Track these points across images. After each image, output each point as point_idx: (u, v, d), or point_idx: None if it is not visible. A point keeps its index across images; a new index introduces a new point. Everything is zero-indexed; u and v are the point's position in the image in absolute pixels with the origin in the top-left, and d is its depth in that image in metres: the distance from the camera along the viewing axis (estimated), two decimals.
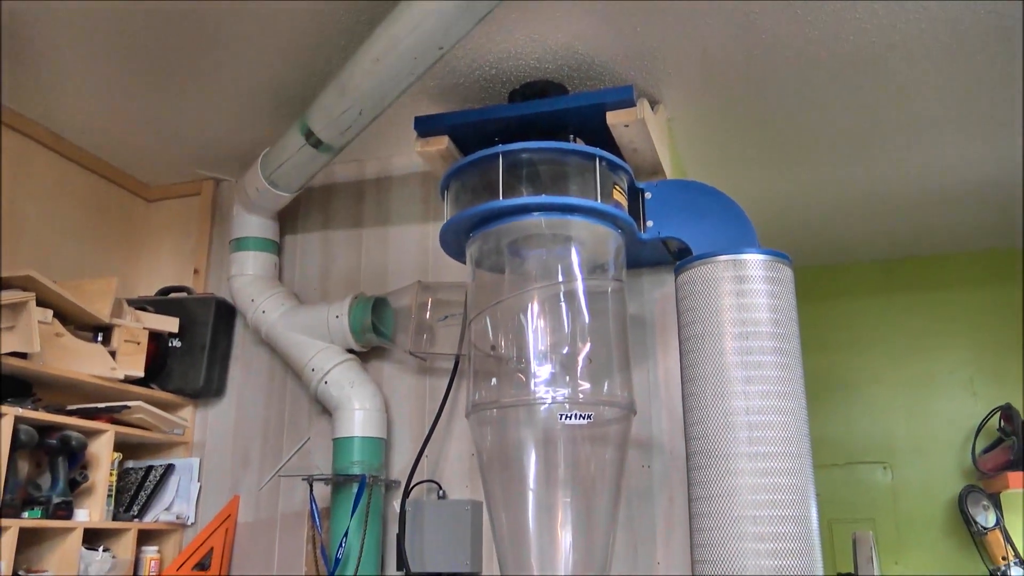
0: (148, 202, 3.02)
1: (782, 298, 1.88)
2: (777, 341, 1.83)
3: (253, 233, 2.63)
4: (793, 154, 2.75)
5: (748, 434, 1.76)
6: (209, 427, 2.68)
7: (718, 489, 1.75)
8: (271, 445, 2.61)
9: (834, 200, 3.14)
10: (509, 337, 2.01)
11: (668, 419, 2.27)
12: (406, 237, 2.68)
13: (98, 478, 2.31)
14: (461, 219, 2.01)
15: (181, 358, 2.61)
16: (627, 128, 2.12)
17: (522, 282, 2.06)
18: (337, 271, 2.73)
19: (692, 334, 1.90)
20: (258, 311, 2.54)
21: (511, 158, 1.98)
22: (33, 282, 2.11)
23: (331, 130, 2.15)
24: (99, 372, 2.32)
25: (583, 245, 2.03)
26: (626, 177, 2.09)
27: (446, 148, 2.23)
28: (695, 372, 1.87)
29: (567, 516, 1.88)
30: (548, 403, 1.88)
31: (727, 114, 2.48)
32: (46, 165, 2.61)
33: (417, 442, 2.43)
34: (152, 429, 2.51)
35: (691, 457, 1.85)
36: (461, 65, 2.21)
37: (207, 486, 2.62)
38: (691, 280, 1.92)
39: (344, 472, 2.30)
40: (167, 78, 2.31)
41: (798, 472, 1.75)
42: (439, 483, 2.40)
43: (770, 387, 1.79)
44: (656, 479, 2.24)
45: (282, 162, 2.34)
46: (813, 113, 2.47)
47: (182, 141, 2.69)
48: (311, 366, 2.43)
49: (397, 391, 2.52)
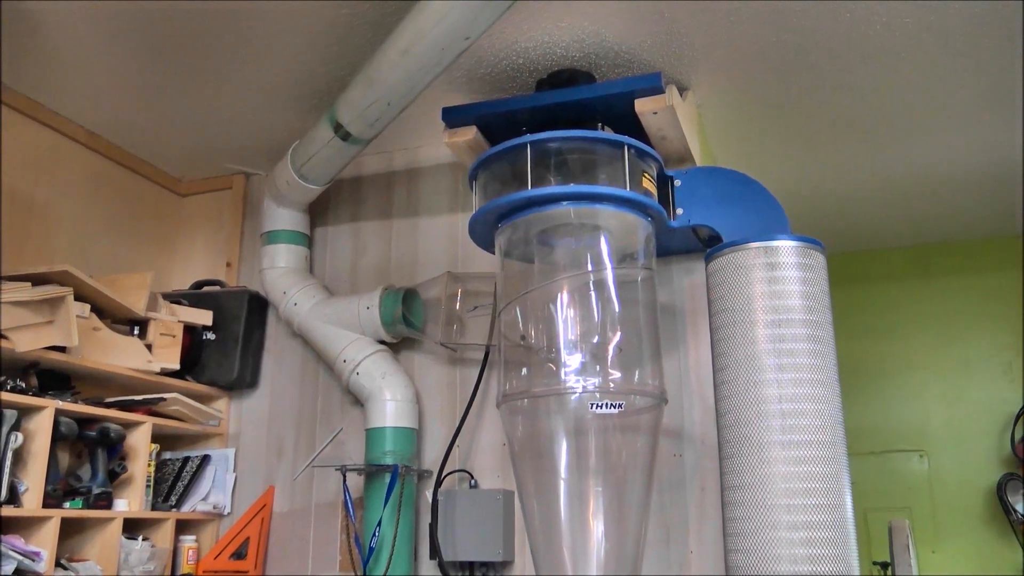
0: (181, 197, 3.05)
1: (815, 284, 1.86)
2: (810, 328, 1.81)
3: (284, 226, 2.64)
4: (824, 139, 2.72)
5: (781, 422, 1.75)
6: (243, 418, 2.71)
7: (751, 478, 1.74)
8: (304, 436, 2.63)
9: (866, 185, 3.09)
10: (539, 327, 2.01)
11: (700, 408, 2.26)
12: (435, 228, 2.69)
13: (136, 469, 2.35)
14: (490, 209, 2.01)
15: (215, 350, 2.63)
16: (656, 115, 2.10)
17: (551, 271, 2.05)
18: (367, 263, 2.74)
19: (723, 322, 1.88)
20: (290, 303, 2.56)
21: (539, 147, 1.98)
22: (70, 277, 2.14)
23: (359, 122, 2.15)
24: (135, 365, 2.35)
25: (612, 234, 2.02)
26: (655, 165, 2.07)
27: (474, 138, 2.23)
28: (727, 360, 1.85)
29: (599, 505, 1.88)
30: (579, 392, 1.87)
31: (757, 100, 2.45)
32: (81, 162, 2.64)
33: (448, 432, 2.44)
34: (188, 420, 2.54)
35: (723, 446, 1.84)
36: (488, 55, 2.20)
37: (242, 476, 2.65)
38: (722, 267, 1.91)
39: (377, 462, 2.31)
40: (197, 74, 2.33)
41: (832, 460, 1.74)
42: (471, 473, 2.41)
43: (803, 374, 1.78)
44: (688, 468, 2.23)
45: (311, 155, 2.35)
46: (844, 97, 2.43)
47: (213, 136, 2.71)
48: (343, 357, 2.45)
49: (428, 382, 2.53)
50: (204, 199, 3.03)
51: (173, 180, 3.01)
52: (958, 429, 3.51)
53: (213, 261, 2.94)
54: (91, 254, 2.63)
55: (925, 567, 3.38)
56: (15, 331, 2.02)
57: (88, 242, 2.64)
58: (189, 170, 2.98)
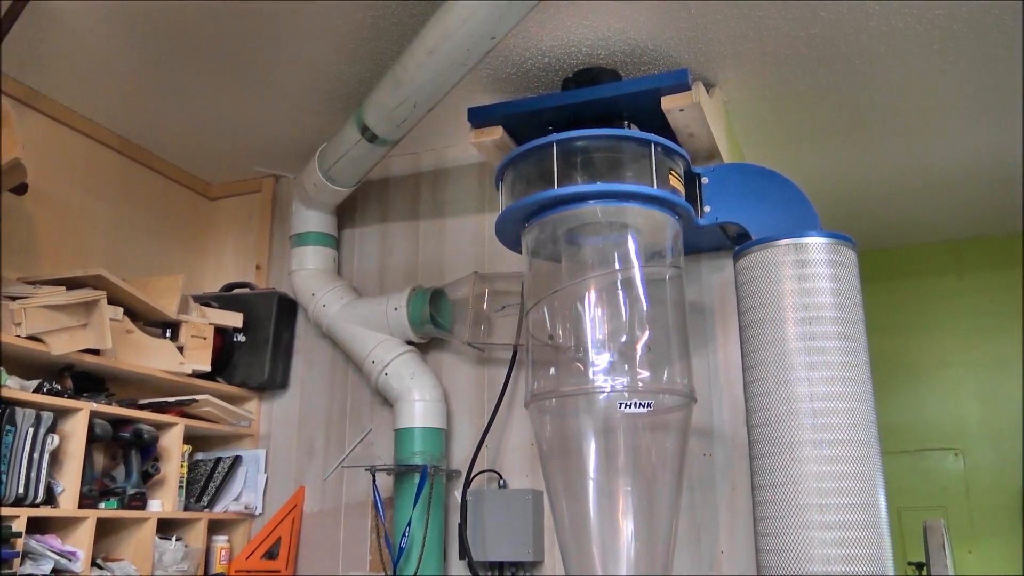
0: (210, 200, 3.08)
1: (846, 281, 1.84)
2: (841, 325, 1.79)
3: (312, 228, 2.66)
4: (854, 133, 2.69)
5: (812, 421, 1.73)
6: (274, 419, 2.74)
7: (782, 477, 1.73)
8: (334, 436, 2.65)
9: (897, 180, 3.05)
10: (567, 326, 2.01)
11: (729, 407, 2.24)
12: (462, 228, 2.69)
13: (169, 470, 2.37)
14: (517, 209, 2.01)
15: (245, 352, 2.66)
16: (682, 112, 2.09)
17: (579, 271, 2.05)
18: (395, 264, 2.75)
19: (753, 320, 1.87)
20: (319, 305, 2.58)
21: (565, 146, 1.97)
22: (104, 281, 2.17)
23: (386, 124, 2.16)
24: (168, 367, 2.38)
25: (640, 232, 2.01)
26: (682, 162, 2.06)
27: (500, 138, 2.23)
28: (757, 358, 1.84)
29: (628, 505, 1.87)
30: (607, 392, 1.87)
31: (785, 94, 2.42)
32: (114, 168, 2.68)
33: (477, 432, 2.44)
34: (219, 422, 2.57)
35: (754, 445, 1.82)
36: (514, 55, 2.20)
37: (273, 477, 2.67)
38: (751, 265, 1.90)
39: (406, 462, 2.32)
40: (225, 78, 2.36)
41: (865, 459, 1.72)
42: (499, 473, 2.41)
43: (834, 372, 1.76)
44: (718, 467, 2.22)
45: (339, 157, 2.36)
46: (873, 90, 2.40)
47: (241, 139, 2.74)
48: (371, 358, 2.46)
49: (456, 382, 2.54)
50: (234, 202, 3.06)
51: (203, 184, 3.04)
52: (994, 427, 3.45)
53: (243, 263, 2.97)
54: (123, 257, 2.67)
55: (961, 567, 3.33)
56: (50, 334, 2.06)
57: (121, 246, 2.67)
58: (218, 173, 3.01)
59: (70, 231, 2.50)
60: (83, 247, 2.53)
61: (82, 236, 2.54)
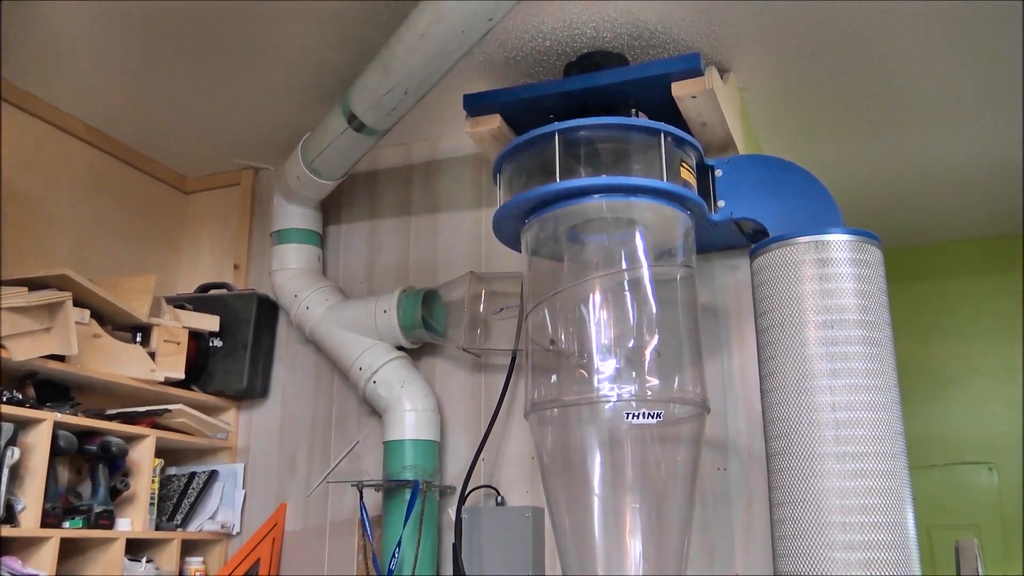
0: (185, 194, 3.08)
1: (871, 282, 1.84)
2: (865, 329, 1.79)
3: (295, 224, 2.66)
4: (878, 124, 2.69)
5: (835, 432, 1.73)
6: (253, 431, 2.73)
7: (802, 493, 1.73)
8: (318, 449, 2.64)
9: (924, 173, 3.06)
10: (570, 330, 2.01)
11: (745, 417, 2.24)
12: (457, 225, 2.69)
13: (140, 485, 2.37)
14: (516, 204, 2.00)
15: (223, 358, 2.65)
16: (694, 100, 2.09)
17: (583, 270, 2.05)
18: (384, 263, 2.75)
19: (770, 323, 1.87)
20: (302, 307, 2.57)
21: (568, 136, 1.97)
22: (69, 281, 2.16)
23: (375, 112, 2.16)
24: (138, 374, 2.37)
25: (648, 229, 2.01)
26: (694, 153, 2.06)
27: (498, 128, 2.23)
28: (775, 365, 1.84)
29: (636, 523, 1.87)
30: (613, 401, 1.87)
31: (804, 81, 2.42)
32: (80, 158, 2.67)
33: (473, 445, 2.44)
34: (194, 433, 2.56)
35: (772, 458, 1.82)
36: (512, 38, 2.20)
37: (252, 493, 2.66)
38: (768, 264, 1.89)
39: (396, 477, 2.32)
40: (202, 63, 2.35)
41: (892, 474, 1.72)
42: (497, 488, 2.40)
43: (859, 380, 1.76)
44: (733, 482, 2.22)
45: (323, 148, 2.36)
46: (899, 78, 2.40)
47: (219, 129, 2.74)
48: (359, 365, 2.45)
49: (451, 390, 2.53)
50: (210, 196, 3.05)
51: (177, 176, 3.04)
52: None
53: (220, 263, 2.96)
54: (91, 256, 2.66)
55: None
56: (12, 339, 2.05)
57: (88, 243, 2.67)
58: (194, 166, 3.00)
59: (32, 227, 2.49)
60: (47, 244, 2.52)
61: (46, 233, 2.53)
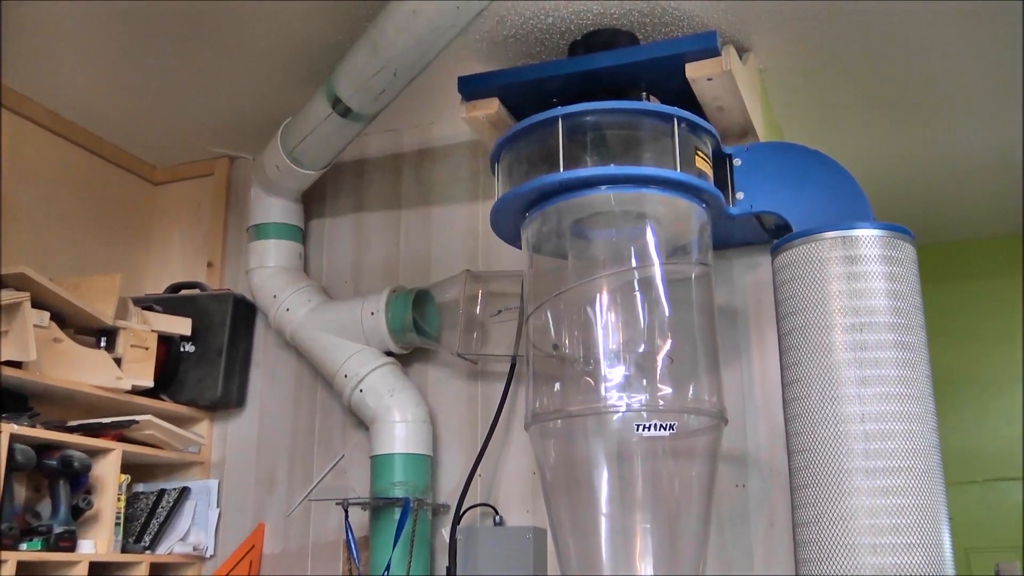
0: (154, 185, 3.08)
1: (903, 281, 1.84)
2: (898, 333, 1.80)
3: (274, 218, 2.66)
4: (910, 110, 2.69)
5: (864, 446, 1.73)
6: (228, 444, 2.73)
7: (829, 512, 1.73)
8: (300, 464, 2.64)
9: (961, 163, 3.06)
10: (574, 334, 2.01)
11: (766, 429, 2.24)
12: (452, 219, 2.70)
13: (104, 504, 2.36)
14: (515, 196, 2.00)
15: (195, 365, 2.65)
16: (711, 82, 2.09)
17: (589, 269, 2.05)
18: (372, 260, 2.75)
19: (794, 326, 1.87)
20: (282, 309, 2.58)
21: (573, 122, 1.97)
22: (28, 281, 2.16)
23: (362, 95, 2.16)
24: (103, 382, 2.37)
25: (660, 223, 2.01)
26: (710, 141, 2.06)
27: (496, 113, 2.23)
28: (798, 372, 1.84)
29: (646, 545, 1.87)
30: (622, 411, 1.87)
31: (831, 62, 2.43)
32: (40, 146, 2.67)
33: (469, 459, 2.43)
34: (164, 447, 2.56)
35: (795, 474, 1.83)
36: (512, 14, 2.20)
37: (227, 512, 2.66)
38: (792, 262, 1.90)
39: (384, 495, 2.32)
40: (173, 43, 2.35)
41: (926, 491, 1.72)
42: (495, 507, 2.40)
43: (890, 389, 1.76)
44: (753, 500, 2.22)
45: (306, 135, 2.36)
46: (933, 58, 2.40)
47: (191, 114, 2.74)
48: (344, 372, 2.46)
49: (444, 400, 2.54)
50: (181, 188, 3.05)
51: (145, 166, 3.04)
52: None
53: (192, 260, 2.96)
54: (51, 253, 2.66)
55: None
56: None
57: (48, 239, 2.67)
58: (164, 154, 3.01)
59: None
60: (3, 240, 2.52)
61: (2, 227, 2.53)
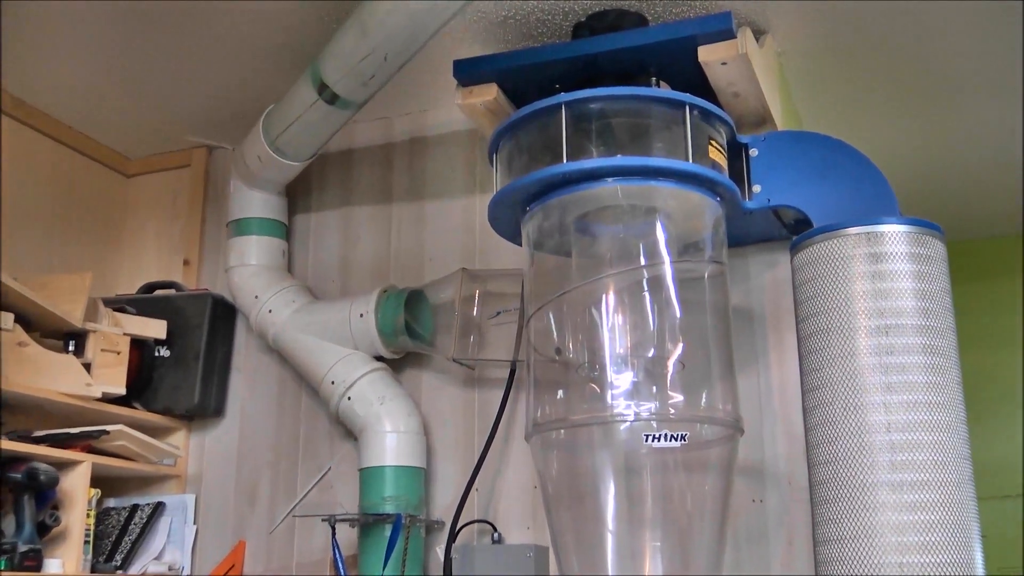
0: (127, 177, 3.07)
1: (933, 281, 1.84)
2: (926, 336, 1.80)
3: (256, 213, 2.66)
4: (943, 96, 2.69)
5: (890, 457, 1.73)
6: (206, 456, 2.73)
7: (852, 529, 1.73)
8: (283, 477, 2.64)
9: (993, 154, 3.06)
10: (579, 337, 2.01)
11: (785, 439, 2.24)
12: (447, 213, 2.70)
13: (72, 520, 2.36)
14: (515, 189, 2.01)
15: (170, 370, 2.65)
16: (725, 67, 2.09)
17: (594, 267, 2.05)
18: (361, 258, 2.75)
19: (815, 329, 1.87)
20: (264, 310, 2.58)
21: (577, 109, 1.97)
22: None
23: (350, 81, 2.16)
24: (71, 389, 2.37)
25: (671, 218, 2.02)
26: (725, 130, 2.07)
27: (495, 99, 2.23)
28: (819, 378, 1.84)
29: (656, 565, 1.88)
30: (630, 421, 1.87)
31: (854, 45, 2.43)
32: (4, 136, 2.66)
33: (465, 472, 2.43)
34: (137, 459, 2.56)
35: (816, 488, 1.83)
36: None
37: (205, 529, 2.66)
38: (812, 260, 1.90)
39: (374, 511, 2.32)
40: (148, 24, 2.35)
41: (956, 506, 1.72)
42: (493, 524, 2.40)
43: (918, 396, 1.77)
44: (771, 516, 2.22)
45: (289, 123, 2.36)
46: (966, 44, 2.41)
47: (168, 101, 2.73)
48: (331, 378, 2.46)
49: (439, 408, 2.54)
50: (156, 180, 3.05)
51: (117, 156, 3.03)
52: None
53: (167, 258, 2.96)
54: (15, 251, 2.65)
55: None
56: None
57: (12, 235, 2.66)
58: (137, 144, 3.00)
59: None
60: None
61: None
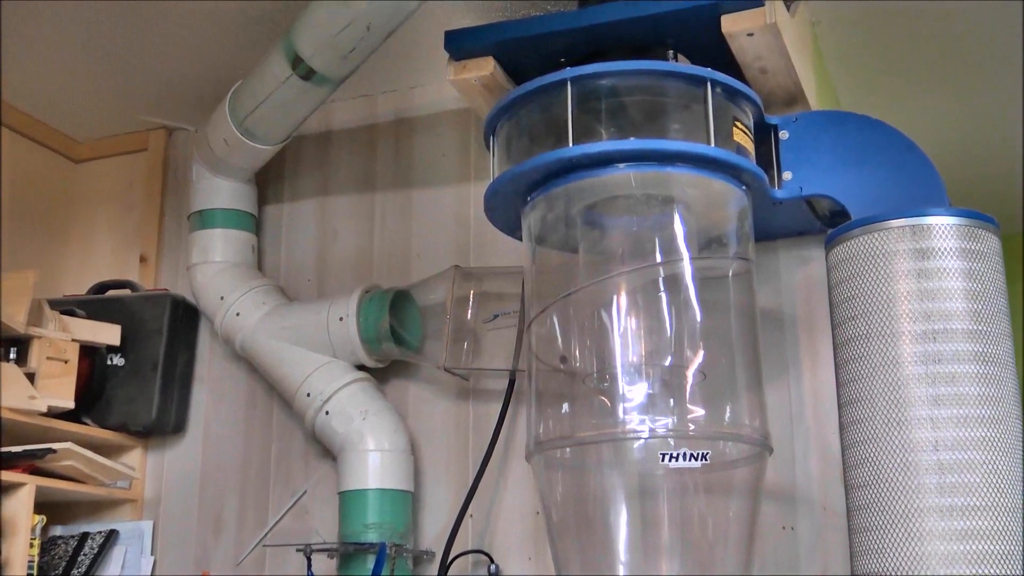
0: (76, 163, 3.08)
1: (985, 280, 1.83)
2: (978, 343, 1.79)
3: (221, 204, 2.66)
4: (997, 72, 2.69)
5: (939, 479, 1.72)
6: (166, 477, 2.73)
7: (896, 561, 1.72)
8: (252, 502, 2.64)
9: None
10: (586, 344, 2.01)
11: (819, 459, 2.24)
12: (437, 204, 2.70)
13: (13, 551, 2.35)
14: (515, 176, 2.00)
15: (125, 381, 2.65)
16: (751, 38, 2.08)
17: (604, 264, 2.05)
18: (340, 254, 2.75)
19: (853, 335, 1.86)
20: (230, 313, 2.57)
21: (585, 86, 1.96)
22: None
23: (327, 54, 2.16)
24: (12, 403, 2.36)
25: (691, 209, 2.01)
26: (752, 109, 2.06)
27: (491, 75, 2.22)
28: (858, 390, 1.84)
29: None
30: (645, 438, 1.86)
31: (898, 14, 2.42)
32: None
33: (458, 496, 2.43)
34: (87, 481, 2.55)
35: (854, 514, 1.82)
36: None
37: (164, 560, 2.66)
38: (850, 256, 1.89)
39: (355, 539, 2.32)
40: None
41: (1013, 535, 1.72)
42: (490, 555, 2.40)
43: (969, 410, 1.76)
44: (803, 545, 2.21)
45: (260, 102, 2.36)
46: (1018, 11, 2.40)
47: (122, 77, 2.74)
48: (306, 390, 2.45)
49: (429, 424, 2.53)
50: (109, 165, 3.06)
51: (64, 139, 3.04)
52: None
53: (121, 254, 2.97)
54: None
55: None
56: None
57: None
58: (87, 125, 3.01)
59: None
60: None
61: None
